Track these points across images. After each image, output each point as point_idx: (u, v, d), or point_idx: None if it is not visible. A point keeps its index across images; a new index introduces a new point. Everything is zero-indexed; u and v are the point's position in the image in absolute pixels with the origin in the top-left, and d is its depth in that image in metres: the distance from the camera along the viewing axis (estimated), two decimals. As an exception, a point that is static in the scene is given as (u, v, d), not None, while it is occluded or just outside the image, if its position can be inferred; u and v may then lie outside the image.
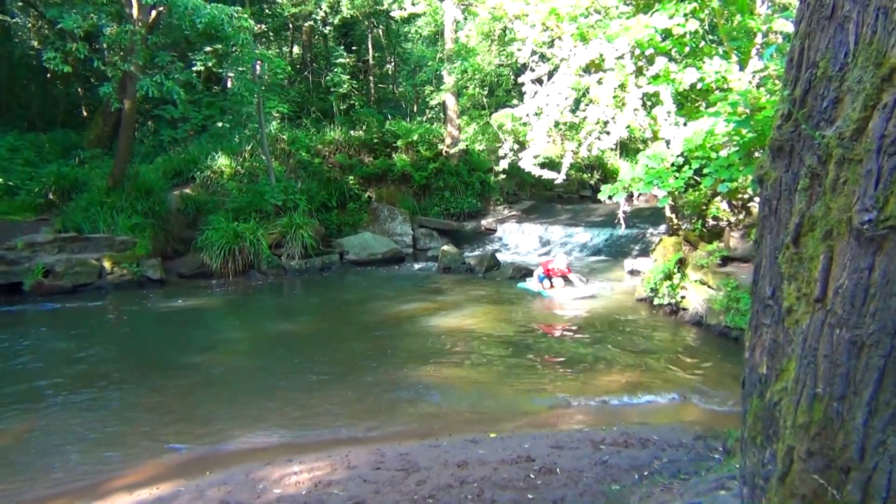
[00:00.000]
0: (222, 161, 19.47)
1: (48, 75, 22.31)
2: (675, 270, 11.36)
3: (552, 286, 13.34)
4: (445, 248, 17.75)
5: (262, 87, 18.68)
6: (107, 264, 15.13)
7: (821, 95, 1.99)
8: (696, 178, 10.20)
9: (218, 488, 5.16)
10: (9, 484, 5.84)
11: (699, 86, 11.07)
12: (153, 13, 16.80)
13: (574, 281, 13.27)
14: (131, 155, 18.58)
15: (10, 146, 20.49)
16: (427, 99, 25.66)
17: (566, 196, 26.34)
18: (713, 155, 9.54)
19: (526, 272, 15.48)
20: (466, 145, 20.10)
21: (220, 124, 20.20)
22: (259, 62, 18.71)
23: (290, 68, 23.26)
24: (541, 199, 25.24)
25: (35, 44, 25.20)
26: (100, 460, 6.35)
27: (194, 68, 17.82)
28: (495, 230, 21.18)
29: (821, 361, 1.88)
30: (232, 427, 7.11)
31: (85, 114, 26.09)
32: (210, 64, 18.58)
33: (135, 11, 15.74)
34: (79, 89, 25.94)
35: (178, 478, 5.62)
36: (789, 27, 10.82)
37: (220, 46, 18.57)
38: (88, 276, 14.81)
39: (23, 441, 6.88)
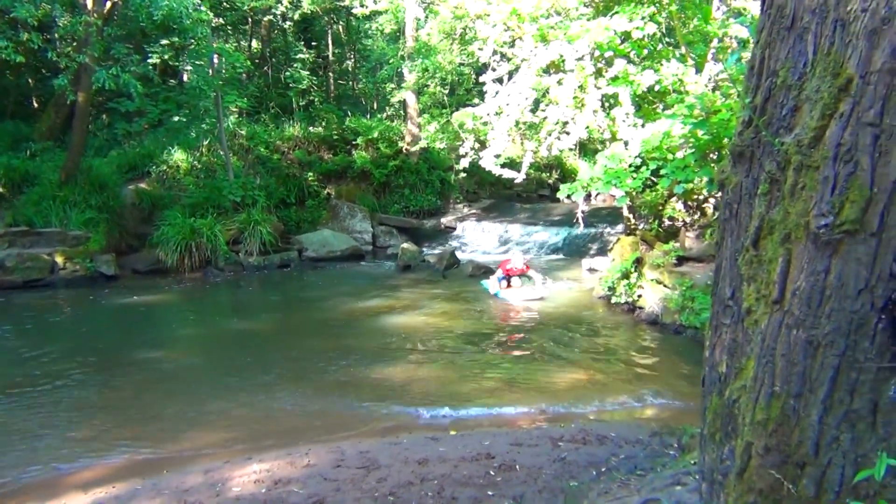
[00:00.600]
0: (179, 156, 19.16)
1: (-2, 65, 21.74)
2: (632, 269, 11.53)
3: (510, 286, 13.24)
4: (405, 245, 17.74)
5: (220, 82, 18.44)
6: (59, 259, 14.81)
7: (780, 103, 2.06)
8: (653, 178, 10.35)
9: (176, 487, 5.11)
10: (-42, 484, 5.70)
11: (657, 88, 11.26)
12: (108, 4, 16.46)
13: (535, 279, 13.16)
14: (84, 148, 18.18)
15: (-43, 138, 19.92)
16: (388, 96, 25.58)
17: (525, 195, 26.48)
18: (670, 156, 9.71)
19: (486, 270, 15.55)
20: (427, 143, 20.09)
21: (176, 118, 19.86)
22: (217, 56, 18.47)
23: (248, 63, 22.98)
24: (500, 197, 25.35)
25: (-15, 33, 24.52)
26: (53, 459, 6.23)
27: (150, 61, 17.51)
28: (455, 228, 21.21)
29: (778, 360, 1.95)
30: (189, 425, 7.04)
31: (36, 105, 25.41)
32: (167, 57, 18.28)
33: (89, 2, 15.41)
34: (30, 80, 25.27)
35: (134, 476, 5.55)
36: (744, 32, 11.06)
37: (177, 39, 18.28)
38: (40, 271, 14.48)
39: (-28, 440, 6.72)
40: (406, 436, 6.34)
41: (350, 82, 29.42)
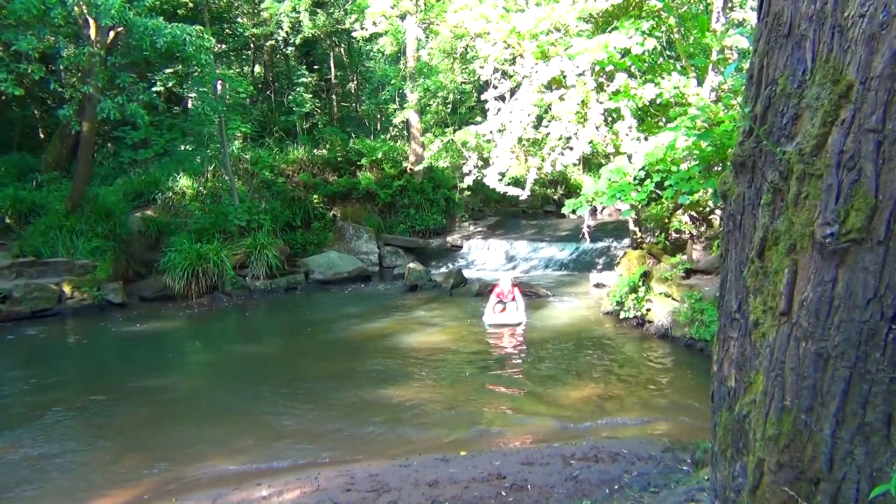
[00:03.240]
0: (184, 182, 19.24)
1: (2, 98, 21.91)
2: (640, 283, 11.47)
3: (504, 310, 12.56)
4: (412, 265, 17.71)
5: (224, 108, 18.54)
6: (67, 289, 14.83)
7: (780, 112, 2.03)
8: (657, 191, 10.34)
9: (185, 516, 5.07)
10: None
11: (658, 101, 11.27)
12: (111, 34, 16.60)
13: (515, 304, 12.50)
14: (90, 177, 18.28)
15: (-35, 170, 20.06)
16: (390, 117, 25.69)
17: (530, 211, 26.48)
18: (674, 168, 9.70)
19: (493, 287, 15.51)
20: (431, 162, 20.15)
21: (182, 148, 19.97)
22: (220, 82, 18.59)
23: (251, 88, 23.13)
24: (505, 214, 25.36)
25: (-11, 65, 24.76)
26: (61, 489, 6.21)
27: (154, 89, 17.63)
28: (461, 247, 21.21)
29: (788, 374, 1.91)
30: (198, 452, 7.00)
31: (42, 136, 25.61)
32: (171, 84, 18.40)
33: (92, 33, 15.54)
34: (35, 111, 25.49)
35: (142, 506, 5.51)
36: (744, 43, 11.07)
37: (180, 67, 18.40)
38: (48, 301, 14.49)
39: (-20, 473, 6.69)
40: (416, 458, 6.28)
41: (353, 104, 29.58)
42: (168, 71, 18.29)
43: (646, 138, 10.83)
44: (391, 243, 21.02)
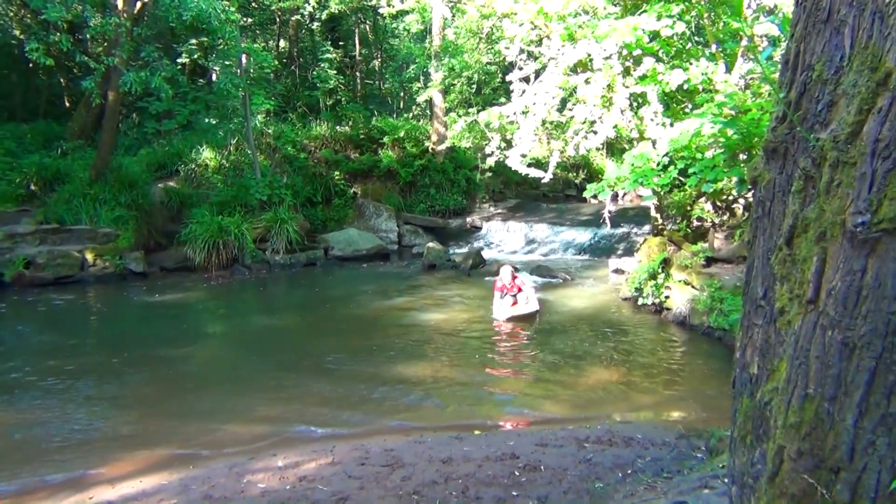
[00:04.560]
0: (207, 154, 19.34)
1: (30, 65, 22.02)
2: (660, 270, 11.41)
3: (516, 303, 11.48)
4: (430, 245, 17.74)
5: (248, 82, 18.56)
6: (89, 256, 15.00)
7: (816, 98, 2.01)
8: (680, 178, 10.26)
9: (202, 482, 5.14)
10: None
11: (685, 87, 11.14)
12: (139, 4, 16.64)
13: (524, 294, 11.50)
14: (114, 147, 18.41)
15: (-9, 136, 20.25)
16: (414, 95, 25.61)
17: (551, 195, 26.38)
18: (698, 155, 9.61)
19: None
20: (453, 143, 20.07)
21: (206, 120, 20.02)
22: (245, 56, 18.59)
23: (276, 62, 23.11)
24: (526, 197, 25.27)
25: (17, 33, 24.89)
26: (81, 453, 6.31)
27: (179, 60, 17.66)
28: (480, 228, 21.18)
29: (812, 362, 1.90)
30: (215, 421, 7.08)
31: (67, 104, 25.78)
32: (195, 57, 18.44)
33: (119, 3, 15.59)
34: (61, 80, 25.64)
35: (161, 472, 5.59)
36: (775, 30, 10.91)
37: (205, 39, 18.42)
38: (70, 268, 14.68)
39: (4, 433, 6.82)
40: (430, 435, 6.33)
41: (377, 82, 29.51)
42: (193, 43, 18.30)
43: (671, 124, 10.73)
44: (411, 222, 21.05)
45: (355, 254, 18.27)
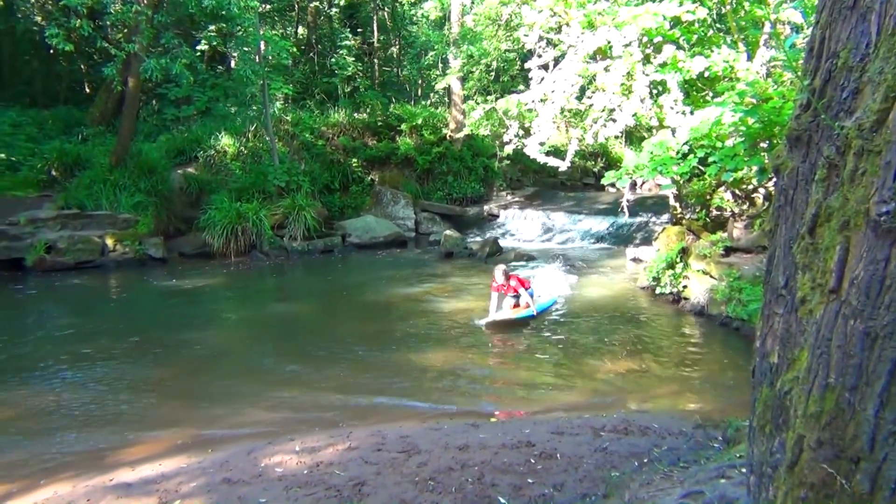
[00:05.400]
0: (226, 141, 19.41)
1: (51, 51, 22.17)
2: (678, 260, 11.35)
3: (517, 305, 10.58)
4: (448, 232, 17.74)
5: (267, 69, 18.59)
6: (109, 242, 15.14)
7: (841, 86, 1.98)
8: (700, 167, 10.18)
9: (220, 466, 5.19)
10: (14, 456, 5.88)
11: (706, 75, 11.04)
12: (159, -10, 16.71)
13: (522, 295, 10.46)
14: (134, 133, 18.52)
15: (13, 122, 20.43)
16: (432, 83, 25.55)
17: (569, 183, 26.29)
18: (718, 144, 9.52)
19: (529, 258, 15.52)
20: (471, 130, 20.02)
21: (225, 107, 20.09)
22: (263, 43, 18.62)
23: (295, 50, 23.14)
24: (544, 185, 25.20)
25: (39, 19, 25.05)
26: (102, 436, 6.40)
27: (199, 47, 17.71)
28: (498, 216, 21.16)
29: (834, 352, 1.89)
30: (233, 406, 7.15)
31: (88, 91, 25.96)
32: (215, 44, 18.48)
33: (140, -11, 15.64)
34: (82, 66, 25.80)
35: (179, 455, 5.65)
36: (798, 17, 10.78)
37: (224, 26, 18.46)
38: (91, 253, 14.83)
39: (27, 415, 6.93)
40: (447, 422, 6.35)
41: (395, 69, 29.46)
42: (212, 29, 18.35)
43: (691, 112, 10.63)
44: (428, 210, 21.05)
45: (372, 241, 18.32)
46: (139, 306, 12.17)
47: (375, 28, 27.00)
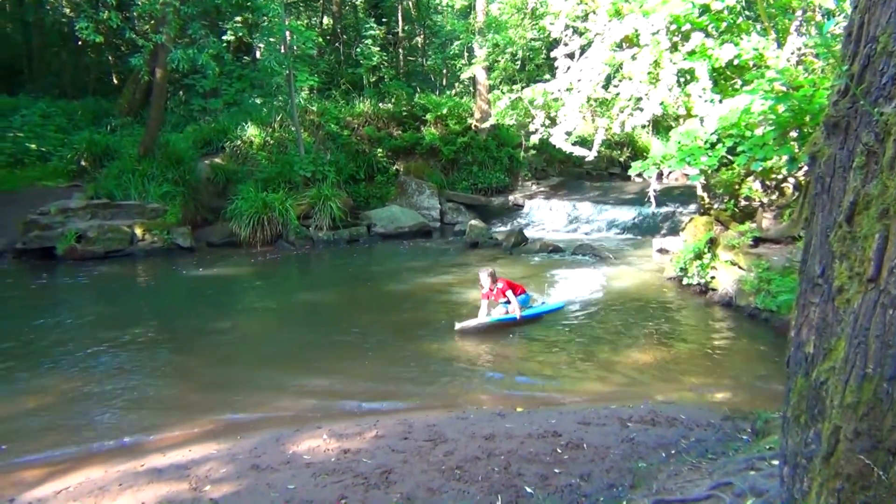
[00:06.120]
0: (252, 131, 19.53)
1: (79, 43, 22.44)
2: (706, 250, 11.24)
3: (509, 311, 9.82)
4: (473, 222, 17.73)
5: (292, 59, 18.63)
6: (138, 231, 15.32)
7: (880, 71, 1.95)
8: (729, 156, 10.04)
9: (249, 452, 5.24)
10: (47, 442, 5.99)
11: (736, 62, 10.89)
12: (186, -19, 16.78)
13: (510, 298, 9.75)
14: (162, 123, 18.69)
15: (43, 113, 20.73)
16: (457, 72, 25.48)
17: (595, 173, 26.12)
18: (747, 133, 9.40)
19: (554, 248, 15.45)
20: (497, 120, 19.94)
21: (252, 99, 20.19)
22: (289, 33, 18.66)
23: (320, 40, 23.17)
24: (569, 175, 25.06)
25: (67, 11, 25.33)
26: (133, 421, 6.50)
27: (224, 38, 17.82)
28: (523, 206, 21.08)
29: (872, 341, 1.86)
30: (261, 393, 7.22)
31: (116, 82, 26.24)
32: (240, 34, 18.58)
33: (167, -20, 15.73)
34: (110, 57, 26.07)
35: (209, 441, 5.72)
36: (830, 2, 10.60)
37: (250, 17, 18.53)
38: (120, 242, 15.02)
39: (59, 401, 7.05)
40: (473, 411, 6.36)
41: (420, 58, 29.40)
42: (238, 20, 18.44)
43: (720, 101, 10.50)
44: (453, 200, 21.03)
45: (398, 231, 18.35)
46: (168, 295, 12.32)
47: (400, 18, 26.95)
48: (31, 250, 14.55)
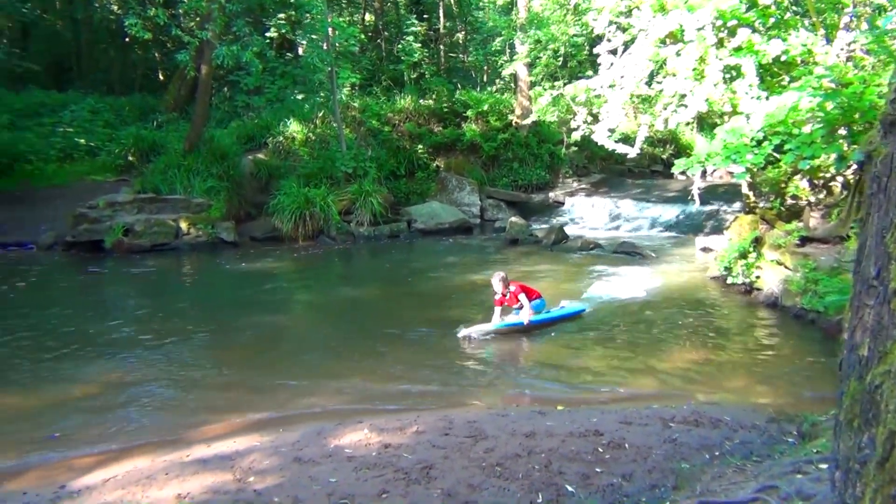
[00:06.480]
0: (294, 127, 19.74)
1: (126, 40, 22.86)
2: (751, 249, 11.07)
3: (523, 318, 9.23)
4: (513, 219, 17.69)
5: (335, 56, 18.77)
6: (183, 225, 15.59)
7: (941, 68, 1.90)
8: (775, 154, 9.87)
9: (291, 445, 5.30)
10: (96, 430, 6.13)
11: (783, 59, 10.71)
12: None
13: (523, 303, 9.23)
14: (207, 119, 18.97)
15: (91, 108, 21.23)
16: (498, 69, 25.43)
17: (637, 170, 25.84)
18: (795, 131, 9.23)
19: (595, 246, 15.34)
20: (538, 116, 19.85)
21: (295, 96, 20.39)
22: (332, 30, 18.80)
23: (362, 36, 23.30)
24: (611, 172, 24.85)
25: (115, 8, 25.83)
26: (178, 412, 6.63)
27: (268, 35, 18.01)
28: (563, 203, 20.98)
29: (929, 345, 1.81)
30: (303, 386, 7.30)
31: (162, 78, 26.70)
32: (283, 31, 18.77)
33: (213, -23, 15.96)
34: (156, 54, 26.52)
35: (252, 433, 5.79)
36: (883, -2, 10.36)
37: (293, 14, 18.71)
38: (166, 235, 15.31)
39: (106, 391, 7.21)
40: (513, 408, 6.35)
41: (460, 55, 29.39)
42: (281, 17, 18.62)
43: (767, 98, 10.33)
44: (493, 196, 21.01)
45: (438, 227, 18.39)
46: (212, 288, 12.52)
47: (442, 14, 26.96)
48: (80, 243, 14.95)
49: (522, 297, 9.18)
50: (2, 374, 7.69)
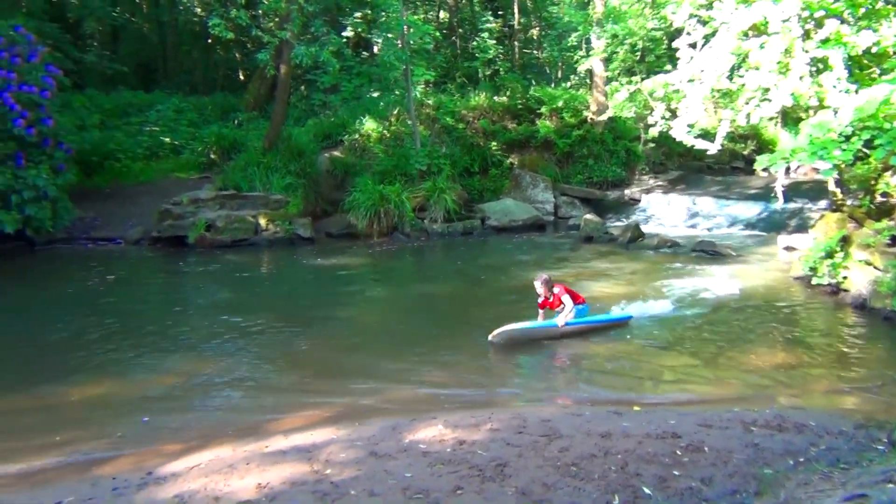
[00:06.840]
0: (369, 125, 19.97)
1: (209, 41, 23.56)
2: (838, 249, 10.65)
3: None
4: (588, 216, 17.47)
5: (410, 53, 18.90)
6: (262, 221, 15.99)
7: None
8: (865, 150, 9.49)
9: (367, 439, 5.37)
10: (180, 421, 6.36)
11: (874, 50, 10.30)
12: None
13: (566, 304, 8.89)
14: (285, 117, 19.37)
15: (176, 108, 22.00)
16: (573, 65, 25.16)
17: (716, 167, 25.08)
18: (886, 125, 8.86)
19: (673, 244, 15.03)
20: (615, 112, 19.52)
21: (371, 94, 20.64)
22: (407, 28, 18.94)
23: (437, 34, 23.40)
24: (688, 169, 24.21)
25: (198, 10, 26.63)
26: (257, 405, 6.83)
27: (344, 34, 18.27)
28: (639, 200, 20.58)
29: None
30: (378, 382, 7.41)
31: (242, 78, 27.42)
32: (360, 30, 18.99)
33: (292, -22, 16.29)
34: (237, 54, 27.25)
35: (328, 426, 5.88)
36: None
37: (369, 13, 18.92)
38: (245, 231, 15.74)
39: (189, 382, 7.49)
40: (588, 408, 6.28)
41: (535, 51, 29.21)
42: (358, 16, 18.85)
43: (856, 91, 9.93)
44: (567, 193, 20.77)
45: (511, 224, 18.31)
46: (289, 283, 12.81)
47: (516, 10, 26.83)
48: (165, 238, 15.54)
49: (566, 297, 8.88)
50: (92, 364, 8.04)
